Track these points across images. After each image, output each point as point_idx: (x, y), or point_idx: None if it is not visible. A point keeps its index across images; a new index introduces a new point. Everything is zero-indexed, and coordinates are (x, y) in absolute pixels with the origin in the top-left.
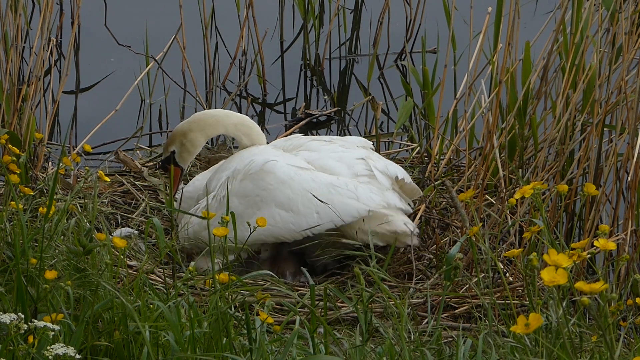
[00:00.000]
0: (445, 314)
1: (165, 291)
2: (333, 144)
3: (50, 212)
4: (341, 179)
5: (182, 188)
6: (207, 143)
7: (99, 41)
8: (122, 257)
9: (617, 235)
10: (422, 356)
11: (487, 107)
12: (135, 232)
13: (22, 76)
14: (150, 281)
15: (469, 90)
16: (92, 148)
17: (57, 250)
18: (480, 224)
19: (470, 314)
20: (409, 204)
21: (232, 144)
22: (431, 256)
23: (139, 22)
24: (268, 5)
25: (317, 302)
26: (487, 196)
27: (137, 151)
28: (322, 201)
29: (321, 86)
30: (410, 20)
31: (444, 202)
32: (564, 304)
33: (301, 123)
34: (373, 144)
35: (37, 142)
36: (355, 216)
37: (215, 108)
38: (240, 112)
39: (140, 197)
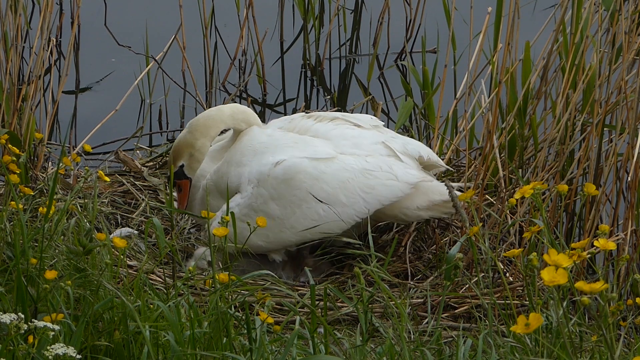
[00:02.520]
0: (445, 314)
1: (165, 291)
2: (340, 126)
3: (50, 212)
4: (370, 160)
5: None
6: None
7: (99, 41)
8: (122, 257)
9: (617, 235)
10: (422, 356)
11: (487, 107)
12: (135, 232)
13: (22, 76)
14: (150, 281)
15: (469, 90)
16: (92, 148)
17: (57, 250)
18: (480, 224)
19: (470, 314)
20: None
21: None
22: (430, 257)
23: (139, 22)
24: (268, 5)
25: (317, 302)
26: (487, 196)
27: (137, 151)
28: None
29: (321, 86)
30: (410, 20)
31: None
32: (564, 304)
33: None
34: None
35: (37, 142)
36: (400, 196)
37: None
38: None
39: (140, 197)
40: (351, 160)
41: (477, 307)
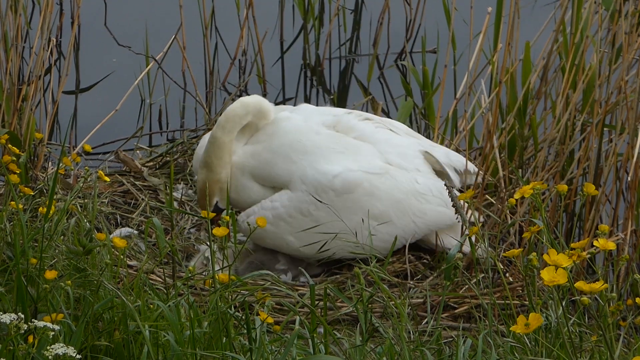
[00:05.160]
0: (445, 314)
1: (165, 291)
2: (382, 130)
3: (50, 212)
4: (421, 181)
5: (183, 189)
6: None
7: (99, 41)
8: (122, 257)
9: (617, 236)
10: (422, 356)
11: (487, 107)
12: (135, 232)
13: (22, 76)
14: (150, 281)
15: (469, 90)
16: (92, 148)
17: (57, 250)
18: (480, 224)
19: (470, 314)
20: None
21: None
22: (428, 257)
23: (139, 22)
24: (268, 5)
25: (317, 302)
26: (487, 196)
27: (137, 151)
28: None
29: (321, 86)
30: (410, 20)
31: None
32: (564, 303)
33: None
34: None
35: (37, 142)
36: (449, 224)
37: (215, 108)
38: None
39: (140, 197)
40: (402, 178)
41: (476, 307)
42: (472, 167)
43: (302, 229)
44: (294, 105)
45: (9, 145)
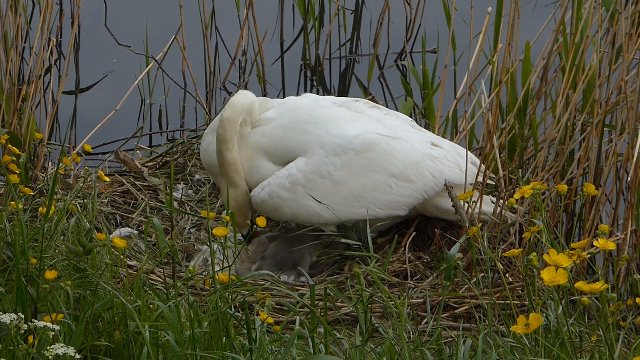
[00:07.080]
0: (445, 314)
1: (165, 291)
2: (391, 116)
3: (50, 212)
4: (435, 149)
5: (183, 189)
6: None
7: (99, 41)
8: (122, 257)
9: (617, 236)
10: (422, 356)
11: (487, 107)
12: (135, 232)
13: (22, 76)
14: (150, 281)
15: (469, 90)
16: (92, 148)
17: (57, 250)
18: (480, 224)
19: (470, 314)
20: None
21: None
22: (427, 257)
23: (139, 22)
24: (268, 5)
25: (317, 302)
26: (487, 196)
27: (137, 151)
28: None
29: (321, 86)
30: (410, 20)
31: None
32: (563, 303)
33: None
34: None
35: (37, 142)
36: (463, 184)
37: (215, 108)
38: None
39: (140, 197)
40: (417, 144)
41: (476, 307)
42: (476, 160)
43: (322, 192)
44: None
45: (9, 145)
